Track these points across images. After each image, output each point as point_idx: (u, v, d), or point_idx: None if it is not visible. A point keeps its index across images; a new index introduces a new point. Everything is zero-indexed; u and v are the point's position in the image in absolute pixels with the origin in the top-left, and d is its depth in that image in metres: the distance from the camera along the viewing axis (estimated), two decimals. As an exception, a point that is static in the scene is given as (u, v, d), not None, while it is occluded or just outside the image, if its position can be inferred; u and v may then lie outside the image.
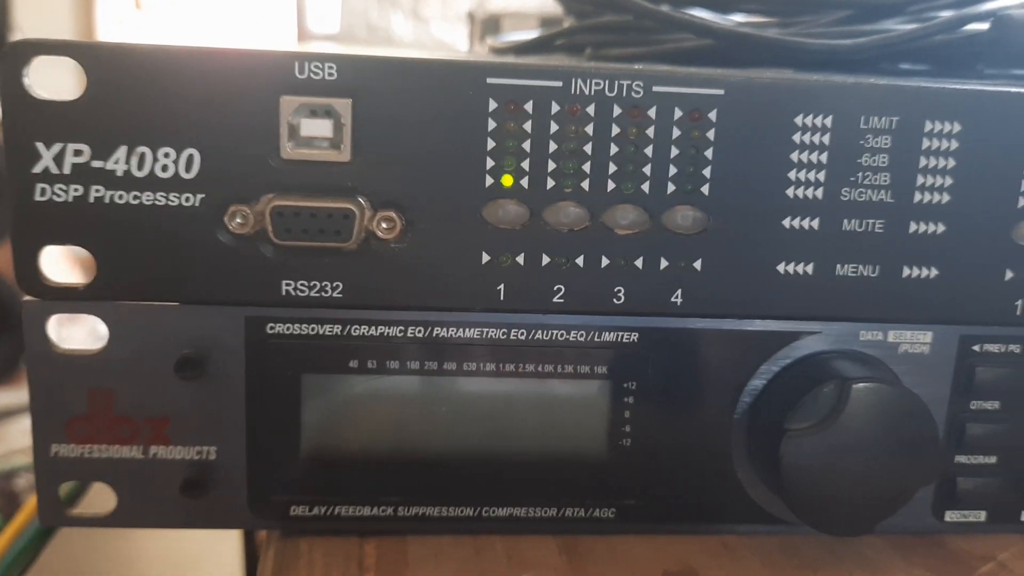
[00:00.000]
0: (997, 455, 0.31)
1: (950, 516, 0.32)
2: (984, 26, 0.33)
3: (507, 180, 0.27)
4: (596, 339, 0.29)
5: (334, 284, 0.28)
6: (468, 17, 0.83)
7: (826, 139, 0.28)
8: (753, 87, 0.27)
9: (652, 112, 0.27)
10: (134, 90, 0.26)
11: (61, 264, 0.29)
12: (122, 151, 0.26)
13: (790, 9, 0.40)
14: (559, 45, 0.43)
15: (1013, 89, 0.28)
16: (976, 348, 0.30)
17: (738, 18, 0.42)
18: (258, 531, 0.31)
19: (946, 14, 0.35)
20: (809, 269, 0.29)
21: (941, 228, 0.29)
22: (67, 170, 0.26)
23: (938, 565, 0.30)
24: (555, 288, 0.28)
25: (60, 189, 0.26)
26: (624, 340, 0.29)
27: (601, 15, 0.39)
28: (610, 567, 0.29)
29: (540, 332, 0.29)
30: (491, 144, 0.27)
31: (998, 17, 0.32)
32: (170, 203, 0.27)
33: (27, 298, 0.28)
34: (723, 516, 0.31)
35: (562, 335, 0.29)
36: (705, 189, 0.28)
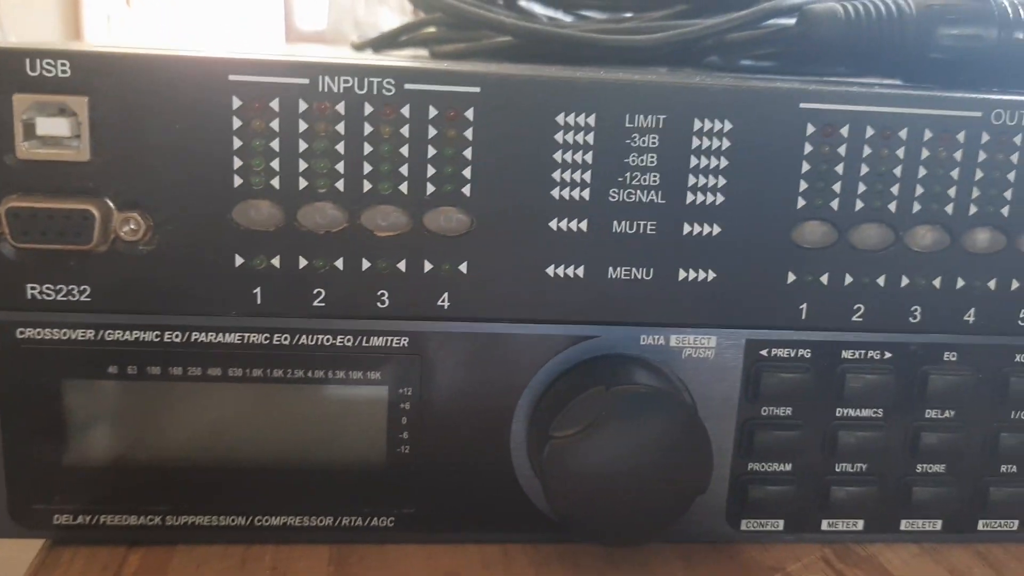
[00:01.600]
0: (792, 463, 0.31)
1: (746, 525, 0.31)
2: (792, 21, 0.32)
3: (257, 180, 0.26)
4: (364, 344, 0.28)
5: (81, 288, 0.27)
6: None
7: (590, 138, 0.27)
8: (510, 85, 0.26)
9: (406, 111, 0.26)
10: None
11: None
12: None
13: (627, 5, 0.39)
14: (403, 41, 0.42)
15: (777, 85, 0.27)
16: (764, 353, 0.30)
17: (591, 14, 0.42)
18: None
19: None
20: (580, 272, 0.28)
21: (717, 230, 0.28)
22: None
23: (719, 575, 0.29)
24: (315, 292, 0.27)
25: None
26: (394, 345, 0.28)
27: (432, 11, 0.38)
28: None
29: (304, 337, 0.28)
30: (237, 143, 0.26)
31: (802, 12, 0.31)
32: (-99, 204, 0.26)
33: None
34: (505, 524, 0.30)
35: (328, 340, 0.28)
36: (466, 190, 0.27)
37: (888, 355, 0.30)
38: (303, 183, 0.26)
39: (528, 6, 0.43)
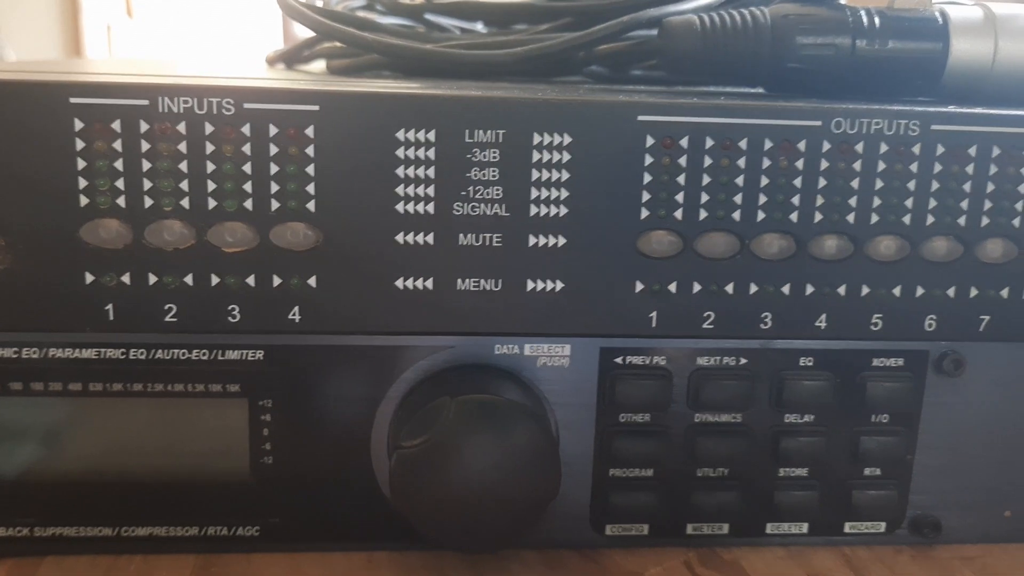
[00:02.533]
0: (653, 468, 0.31)
1: (611, 530, 0.31)
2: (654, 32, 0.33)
3: (103, 200, 0.27)
4: (220, 358, 0.29)
5: (-64, 306, 0.28)
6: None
7: (431, 153, 0.27)
8: (349, 102, 0.27)
9: (246, 129, 0.27)
10: None
11: None
12: None
13: (518, 18, 0.39)
14: (306, 56, 0.43)
15: (619, 98, 0.28)
16: (618, 361, 0.30)
17: (479, 27, 0.42)
18: None
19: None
20: (429, 284, 0.28)
21: (562, 241, 0.28)
22: None
23: (575, 581, 0.30)
24: (166, 307, 0.28)
25: None
26: (250, 358, 0.29)
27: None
28: (236, 586, 0.29)
29: (160, 352, 0.29)
30: (82, 164, 0.27)
31: (662, 24, 0.32)
32: None
33: None
34: (369, 533, 0.31)
35: (184, 355, 0.29)
36: (311, 206, 0.28)
37: (744, 361, 0.30)
38: (149, 202, 0.27)
39: (436, 19, 0.44)
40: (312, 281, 0.28)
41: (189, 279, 0.28)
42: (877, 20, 0.31)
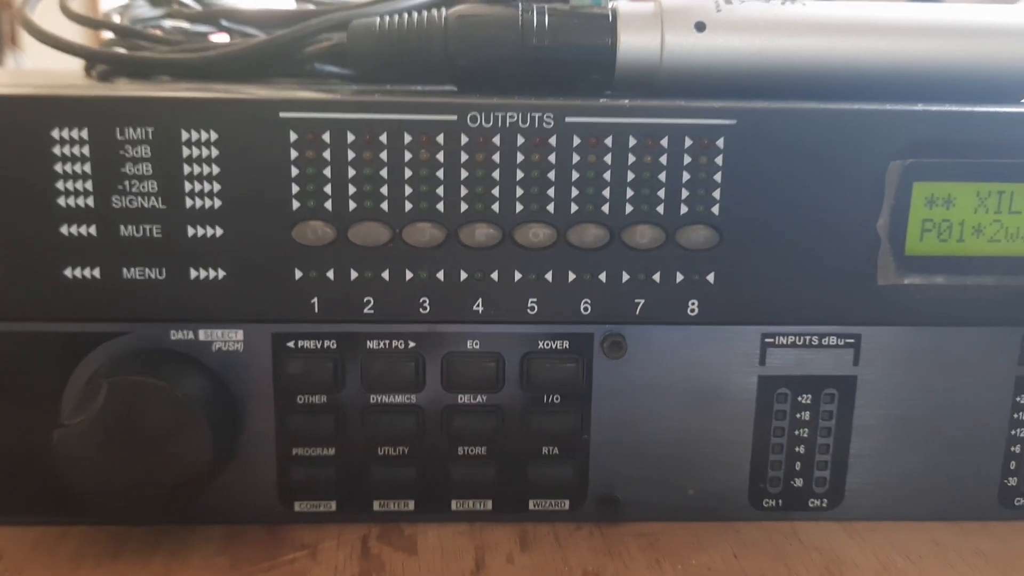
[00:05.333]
0: (334, 447, 0.33)
1: (299, 506, 0.33)
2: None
3: None
4: (-92, 343, 0.31)
5: None
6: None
7: (86, 151, 0.29)
8: (6, 105, 0.29)
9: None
10: None
11: None
12: None
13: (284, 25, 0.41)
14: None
15: (259, 96, 0.30)
16: (291, 345, 0.32)
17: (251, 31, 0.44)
18: None
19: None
20: (96, 273, 0.30)
21: (219, 231, 0.30)
22: None
23: (245, 552, 0.31)
24: None
25: None
26: (-64, 344, 0.31)
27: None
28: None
29: None
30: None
31: (348, 26, 0.34)
32: None
33: None
34: (61, 509, 0.32)
35: None
36: (-22, 200, 0.30)
37: (412, 344, 0.32)
38: None
39: (234, 27, 0.46)
40: (-16, 271, 0.30)
41: None
42: (547, 19, 0.33)
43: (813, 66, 0.33)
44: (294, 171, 0.30)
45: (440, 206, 0.30)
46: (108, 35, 0.44)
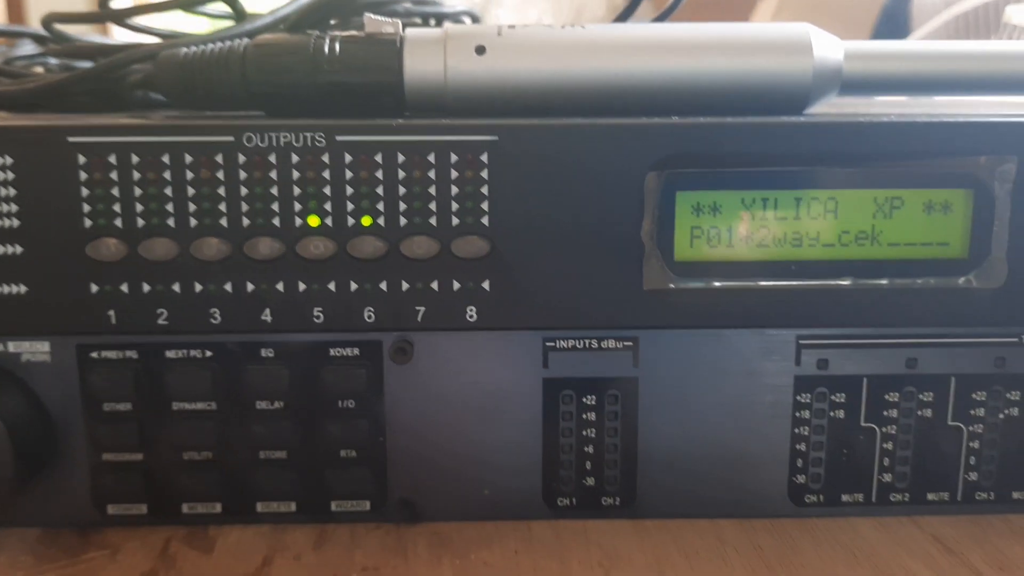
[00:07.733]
0: (142, 452, 0.34)
1: (112, 509, 0.35)
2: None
3: None
4: None
5: None
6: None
7: None
8: None
9: None
10: None
11: None
12: None
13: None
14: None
15: (49, 123, 0.32)
16: (94, 355, 0.34)
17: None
18: None
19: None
20: (-94, 291, 0.33)
21: (20, 249, 0.32)
22: None
23: (50, 553, 0.33)
24: None
25: None
26: None
27: None
28: None
29: None
30: None
31: (158, 57, 0.36)
32: None
33: None
34: None
35: None
36: None
37: (209, 353, 0.34)
38: None
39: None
40: None
41: None
42: (338, 45, 0.35)
43: (589, 84, 0.34)
44: (84, 191, 0.32)
45: (224, 221, 0.32)
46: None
